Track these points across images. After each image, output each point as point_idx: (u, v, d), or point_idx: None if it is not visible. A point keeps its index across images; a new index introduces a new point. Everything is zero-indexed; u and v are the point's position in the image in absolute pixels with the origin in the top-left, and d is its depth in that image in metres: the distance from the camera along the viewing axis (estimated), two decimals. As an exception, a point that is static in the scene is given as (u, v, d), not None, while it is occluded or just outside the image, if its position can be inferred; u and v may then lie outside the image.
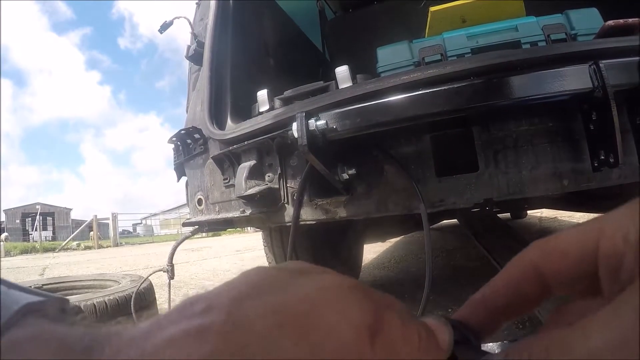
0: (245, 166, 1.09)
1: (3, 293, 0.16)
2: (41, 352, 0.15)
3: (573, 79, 0.77)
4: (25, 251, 11.92)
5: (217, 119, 1.26)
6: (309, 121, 0.86)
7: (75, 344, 0.15)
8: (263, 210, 1.09)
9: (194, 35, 1.51)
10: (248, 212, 1.13)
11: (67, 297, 0.18)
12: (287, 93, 1.10)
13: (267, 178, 1.09)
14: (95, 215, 15.41)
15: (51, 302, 0.18)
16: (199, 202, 1.37)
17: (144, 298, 1.78)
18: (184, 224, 1.49)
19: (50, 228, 31.75)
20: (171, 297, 1.72)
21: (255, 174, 1.08)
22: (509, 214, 4.86)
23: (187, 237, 1.58)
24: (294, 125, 0.87)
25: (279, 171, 1.07)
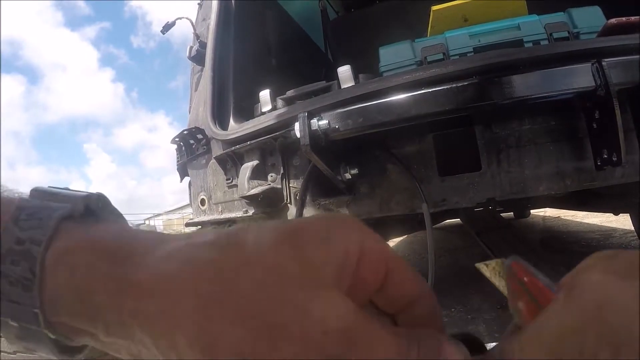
0: (247, 166, 1.09)
1: (40, 208, 0.19)
2: (80, 259, 0.17)
3: (576, 78, 0.77)
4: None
5: (220, 119, 1.26)
6: (312, 121, 0.86)
7: (110, 247, 0.18)
8: (266, 210, 1.10)
9: (196, 36, 1.51)
10: (251, 212, 1.13)
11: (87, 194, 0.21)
12: (290, 93, 1.10)
13: (269, 178, 1.09)
14: (99, 216, 15.44)
15: (77, 206, 0.20)
16: (202, 202, 1.37)
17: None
18: (187, 225, 1.50)
19: (54, 229, 31.83)
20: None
21: (257, 174, 1.08)
22: (512, 213, 4.85)
23: (190, 237, 1.58)
24: (297, 125, 0.87)
25: (281, 171, 1.07)
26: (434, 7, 1.22)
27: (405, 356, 0.18)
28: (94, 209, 0.21)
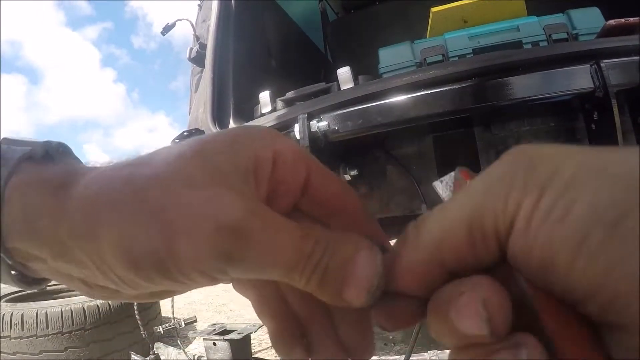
0: (247, 167, 1.09)
1: (5, 150, 0.21)
2: (30, 192, 0.20)
3: (574, 79, 0.77)
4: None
5: (220, 121, 1.26)
6: (311, 122, 0.87)
7: (54, 181, 0.20)
8: (266, 211, 1.09)
9: (196, 37, 1.51)
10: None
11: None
12: (289, 94, 1.10)
13: (269, 179, 1.09)
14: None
15: (37, 148, 0.22)
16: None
17: (148, 299, 1.79)
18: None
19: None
20: (174, 298, 1.73)
21: (257, 175, 1.08)
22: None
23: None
24: (296, 127, 0.87)
25: (281, 172, 1.07)
26: (434, 9, 1.23)
27: (306, 256, 0.18)
28: (52, 153, 0.23)
